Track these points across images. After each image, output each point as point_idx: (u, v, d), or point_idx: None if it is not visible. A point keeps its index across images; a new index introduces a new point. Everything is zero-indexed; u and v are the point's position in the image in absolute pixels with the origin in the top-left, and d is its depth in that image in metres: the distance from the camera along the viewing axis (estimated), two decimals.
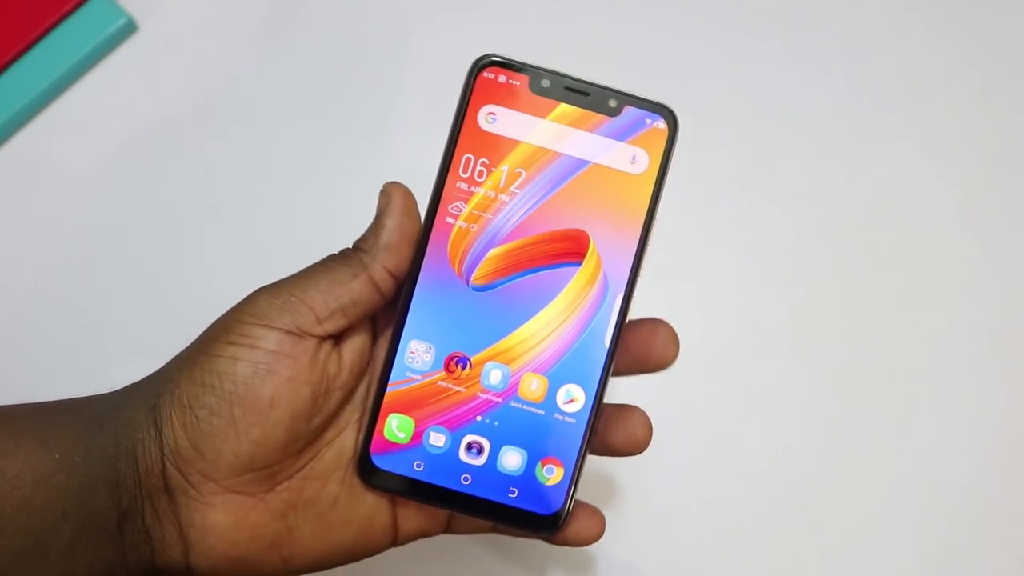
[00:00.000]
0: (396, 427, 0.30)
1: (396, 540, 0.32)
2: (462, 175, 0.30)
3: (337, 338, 0.30)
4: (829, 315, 0.46)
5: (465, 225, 0.30)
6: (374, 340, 0.32)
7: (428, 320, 0.30)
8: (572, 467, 0.31)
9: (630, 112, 0.30)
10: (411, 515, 0.31)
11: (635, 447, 0.31)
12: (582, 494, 0.31)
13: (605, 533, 0.32)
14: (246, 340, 0.28)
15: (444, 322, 0.30)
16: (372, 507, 0.31)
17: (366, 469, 0.30)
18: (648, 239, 0.31)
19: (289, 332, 0.28)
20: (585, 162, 0.30)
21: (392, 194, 0.30)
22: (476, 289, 0.30)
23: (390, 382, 0.30)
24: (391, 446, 0.30)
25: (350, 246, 0.31)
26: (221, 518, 0.28)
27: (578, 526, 0.31)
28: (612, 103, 0.30)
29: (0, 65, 0.47)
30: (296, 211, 0.47)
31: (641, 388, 0.34)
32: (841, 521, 0.44)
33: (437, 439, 0.31)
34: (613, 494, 0.43)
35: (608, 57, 0.49)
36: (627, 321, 0.31)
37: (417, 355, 0.30)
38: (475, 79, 0.30)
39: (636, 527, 0.43)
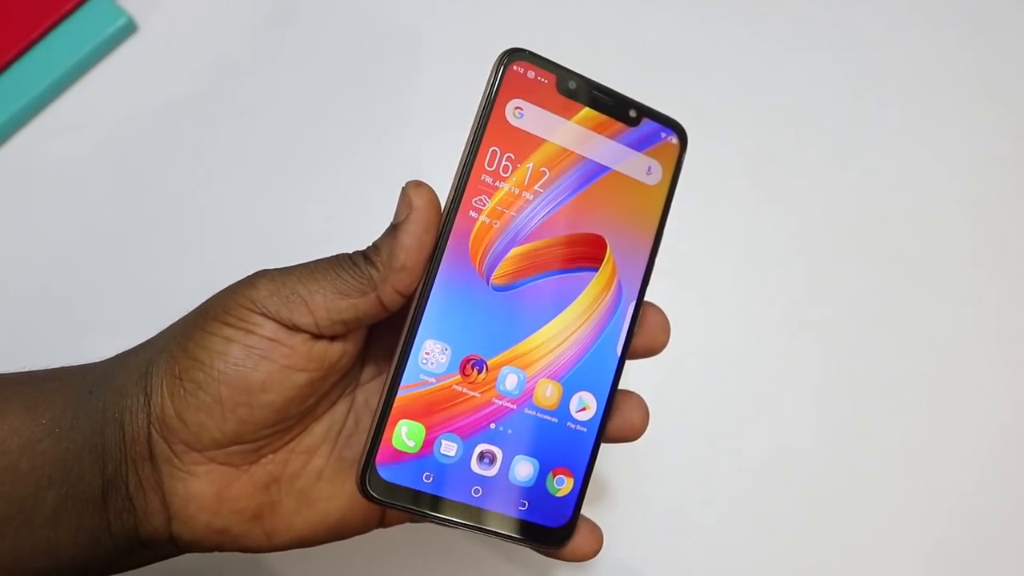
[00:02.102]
0: (406, 435, 0.28)
1: (384, 520, 0.30)
2: (487, 168, 0.29)
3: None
4: (831, 315, 0.47)
5: (488, 221, 0.29)
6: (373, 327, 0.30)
7: (446, 319, 0.28)
8: (581, 477, 0.30)
9: (647, 124, 0.31)
10: None
11: (631, 433, 0.31)
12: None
13: (605, 531, 0.31)
14: (243, 324, 0.27)
15: (462, 322, 0.28)
16: None
17: (370, 482, 0.27)
18: (658, 250, 0.31)
19: (286, 325, 0.27)
20: (605, 168, 0.30)
21: (415, 203, 0.27)
22: (496, 289, 0.29)
23: (401, 385, 0.28)
24: (399, 456, 0.28)
25: (362, 250, 0.28)
26: (203, 488, 0.27)
27: (579, 540, 0.30)
28: (632, 113, 0.31)
29: (0, 65, 0.47)
30: (296, 211, 0.47)
31: (642, 388, 0.34)
32: (842, 521, 0.44)
33: (448, 448, 0.28)
34: (613, 494, 0.42)
35: (609, 56, 0.49)
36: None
37: (432, 356, 0.28)
38: (505, 71, 0.29)
39: (636, 527, 0.42)
